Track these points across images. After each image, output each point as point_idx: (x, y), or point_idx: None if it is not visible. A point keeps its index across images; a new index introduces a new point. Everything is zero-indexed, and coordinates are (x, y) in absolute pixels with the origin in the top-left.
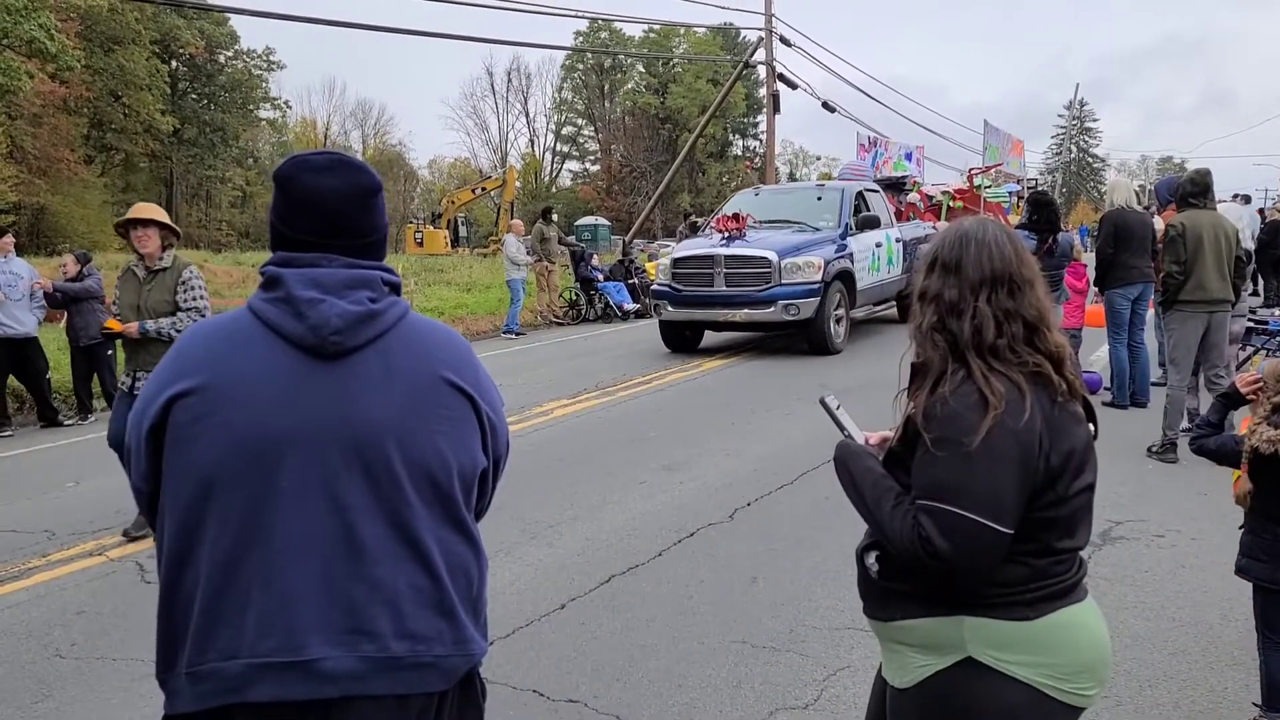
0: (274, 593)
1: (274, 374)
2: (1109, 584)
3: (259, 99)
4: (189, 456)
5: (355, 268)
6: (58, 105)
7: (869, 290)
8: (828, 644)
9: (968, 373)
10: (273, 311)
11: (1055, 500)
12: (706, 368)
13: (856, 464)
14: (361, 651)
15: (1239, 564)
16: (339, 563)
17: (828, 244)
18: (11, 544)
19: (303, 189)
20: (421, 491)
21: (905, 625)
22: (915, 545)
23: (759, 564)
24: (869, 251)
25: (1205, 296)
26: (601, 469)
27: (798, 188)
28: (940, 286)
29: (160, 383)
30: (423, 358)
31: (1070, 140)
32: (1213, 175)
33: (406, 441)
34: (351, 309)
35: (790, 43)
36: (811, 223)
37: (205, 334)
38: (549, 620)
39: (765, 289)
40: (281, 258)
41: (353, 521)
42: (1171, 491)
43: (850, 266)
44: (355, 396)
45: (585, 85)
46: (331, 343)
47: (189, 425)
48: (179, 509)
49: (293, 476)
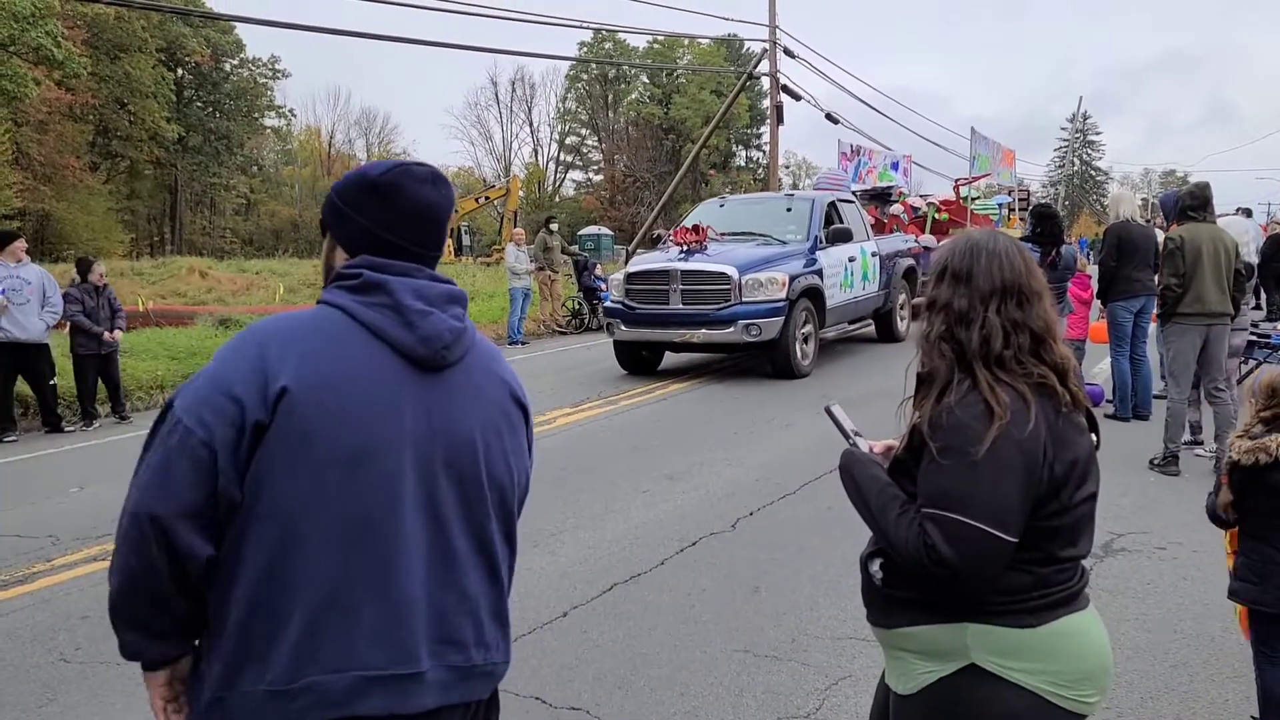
0: (388, 604)
1: (384, 379)
2: (1111, 596)
3: (264, 107)
4: (305, 464)
5: (442, 282)
6: (63, 112)
7: (841, 308)
8: (830, 653)
9: (974, 382)
10: (375, 316)
11: (1059, 509)
12: (708, 377)
13: (861, 472)
14: (450, 661)
15: (1231, 588)
16: (437, 573)
17: (794, 259)
18: (16, 548)
19: (409, 197)
20: (495, 505)
21: (909, 632)
22: (920, 553)
23: (761, 573)
24: (841, 267)
25: (1203, 309)
26: (604, 477)
27: (766, 198)
28: (950, 296)
29: (249, 373)
30: (494, 376)
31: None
32: (1212, 189)
33: (489, 457)
34: (455, 324)
35: (794, 54)
36: (778, 236)
37: (295, 328)
38: (551, 628)
39: (724, 307)
40: (369, 262)
41: (448, 532)
42: (1173, 504)
43: (819, 283)
44: (452, 410)
45: (589, 95)
46: (441, 356)
47: (306, 428)
48: (278, 518)
49: (407, 489)
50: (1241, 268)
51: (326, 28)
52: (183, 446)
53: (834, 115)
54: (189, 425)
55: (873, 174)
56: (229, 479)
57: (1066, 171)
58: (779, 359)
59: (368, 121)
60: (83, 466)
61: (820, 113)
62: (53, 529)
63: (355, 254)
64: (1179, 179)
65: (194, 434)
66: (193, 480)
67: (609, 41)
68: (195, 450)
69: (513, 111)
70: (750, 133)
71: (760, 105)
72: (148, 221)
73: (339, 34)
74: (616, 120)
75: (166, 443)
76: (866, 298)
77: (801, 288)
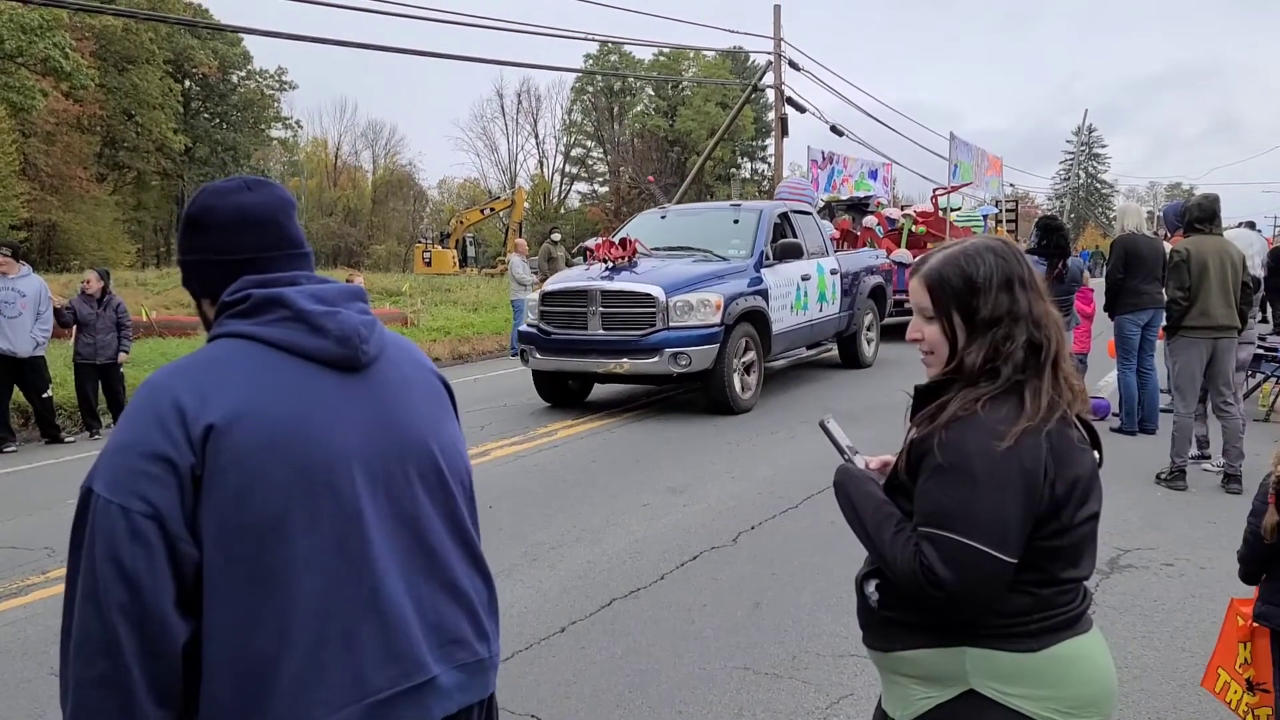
0: (381, 621)
1: (312, 394)
2: (1117, 613)
3: (270, 119)
4: (254, 500)
5: (327, 281)
6: (71, 123)
7: (791, 333)
8: (831, 671)
9: (974, 398)
10: (280, 332)
11: (1059, 529)
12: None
13: (857, 489)
14: (458, 660)
15: (1258, 610)
16: (420, 575)
17: (734, 277)
18: (11, 560)
19: (227, 211)
20: (460, 493)
21: (906, 656)
22: (917, 573)
23: (762, 588)
24: (792, 286)
25: (1209, 323)
26: (605, 490)
27: (711, 208)
28: (1027, 301)
29: (166, 424)
30: (416, 363)
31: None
32: (1220, 201)
33: (442, 445)
34: (364, 317)
35: (799, 67)
36: (719, 251)
37: (200, 366)
38: (549, 644)
39: (649, 333)
40: (252, 281)
41: (422, 531)
42: (1180, 520)
43: (763, 305)
44: (392, 406)
45: (595, 107)
46: (363, 352)
47: (244, 464)
48: (244, 566)
49: (366, 500)
50: (1248, 281)
51: (333, 39)
52: (126, 530)
53: (839, 128)
54: (121, 504)
55: (848, 183)
56: (185, 543)
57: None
58: (714, 392)
59: (374, 133)
60: (80, 478)
61: (825, 125)
62: (48, 541)
63: (215, 293)
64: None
65: (130, 510)
66: (148, 561)
67: (615, 54)
68: (139, 527)
69: (518, 123)
70: (755, 145)
71: (765, 118)
72: (154, 232)
73: (345, 45)
74: (622, 132)
75: (102, 534)
76: (824, 320)
77: (741, 310)
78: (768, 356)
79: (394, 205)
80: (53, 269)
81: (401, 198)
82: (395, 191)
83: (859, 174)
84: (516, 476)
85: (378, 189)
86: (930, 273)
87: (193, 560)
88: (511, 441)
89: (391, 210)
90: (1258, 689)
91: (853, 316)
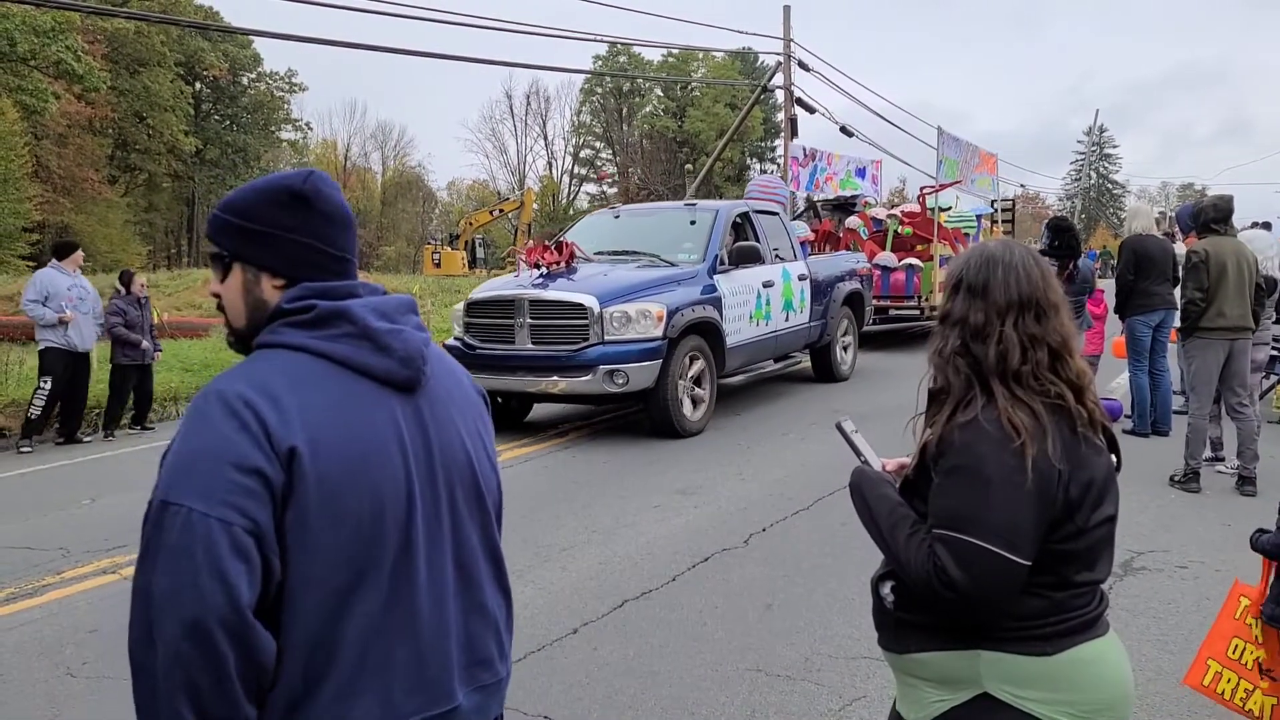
0: (417, 648)
1: (377, 415)
2: (1131, 616)
3: (281, 120)
4: (329, 524)
5: (381, 292)
6: (83, 125)
7: (751, 345)
8: (843, 673)
9: (988, 400)
10: (347, 349)
11: (1074, 532)
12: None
13: (872, 491)
14: (480, 681)
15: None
16: (461, 598)
17: (683, 285)
18: (26, 560)
19: (333, 203)
20: (494, 511)
21: (920, 658)
22: (930, 575)
23: (774, 590)
24: (751, 294)
25: (1226, 324)
26: (615, 492)
27: (665, 208)
28: (965, 310)
29: (253, 437)
30: (455, 375)
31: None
32: (1234, 202)
33: (479, 462)
34: (422, 335)
35: (809, 68)
36: (668, 255)
37: (273, 380)
38: (560, 645)
39: (581, 348)
40: (314, 290)
41: (463, 553)
42: (1194, 521)
43: (715, 316)
44: (443, 426)
45: (604, 108)
46: (424, 373)
47: (323, 488)
48: (322, 593)
49: (419, 523)
50: (1262, 281)
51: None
52: (228, 542)
53: (848, 128)
54: (221, 517)
55: (833, 181)
56: (274, 560)
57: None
58: (657, 414)
59: (383, 135)
60: (96, 478)
61: (835, 125)
62: (63, 541)
63: (295, 277)
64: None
65: (232, 525)
66: (249, 577)
67: (624, 55)
68: (242, 543)
69: (527, 125)
70: (764, 146)
71: (774, 118)
72: (165, 234)
73: (355, 47)
74: (631, 133)
75: (207, 543)
76: (791, 330)
77: (688, 322)
78: (722, 372)
79: (403, 206)
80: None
81: (411, 199)
82: (404, 193)
83: (845, 172)
84: (527, 478)
85: (387, 190)
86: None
87: (277, 579)
88: (521, 443)
89: (400, 211)
90: (1267, 675)
91: (826, 326)
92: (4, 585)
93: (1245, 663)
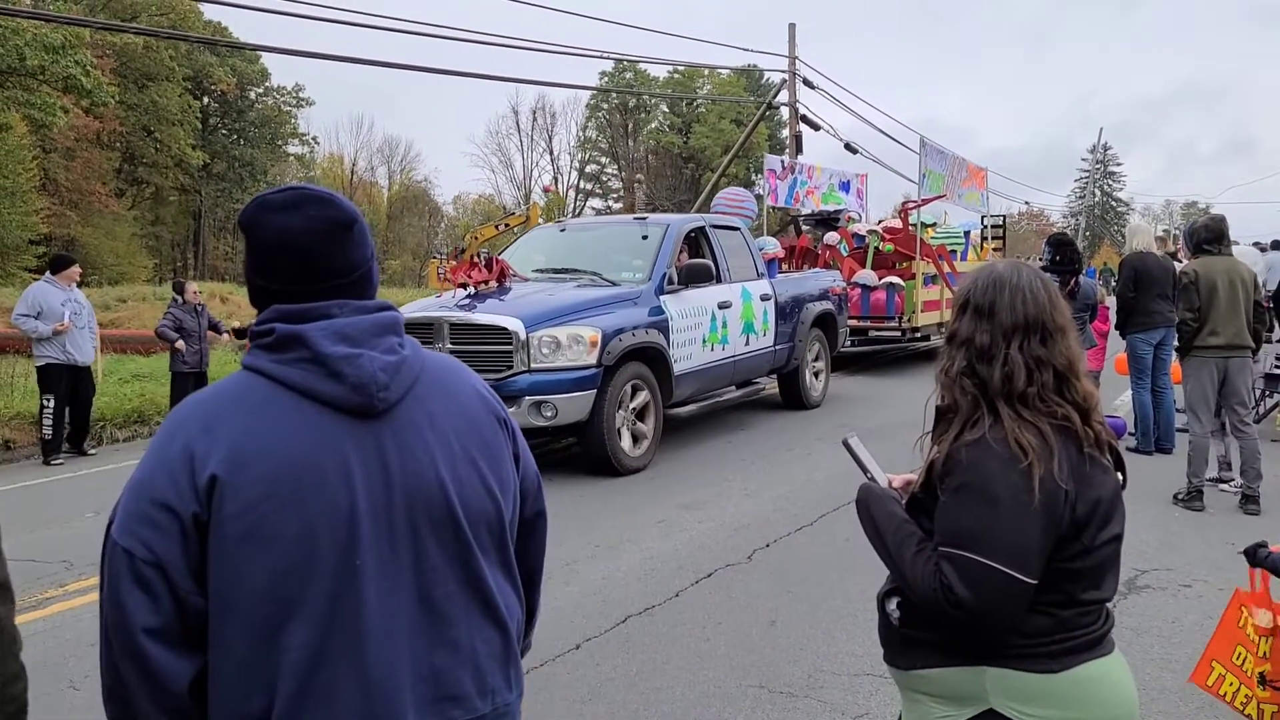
0: (364, 679)
1: (322, 442)
2: (1135, 634)
3: (287, 134)
4: (255, 550)
5: (369, 311)
6: (91, 139)
7: (704, 372)
8: (847, 690)
9: (995, 420)
10: (296, 374)
11: (1081, 551)
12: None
13: (879, 508)
14: (449, 716)
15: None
16: (419, 632)
17: (623, 306)
18: (30, 573)
19: (270, 230)
20: (481, 539)
21: (926, 674)
22: (937, 593)
23: (778, 607)
24: (704, 316)
25: (1218, 342)
26: (619, 506)
27: (615, 222)
28: (971, 330)
29: (173, 471)
30: (453, 396)
31: (1094, 184)
32: (1228, 222)
33: (464, 490)
34: (388, 359)
35: (814, 85)
36: (610, 274)
37: (212, 405)
38: (563, 661)
39: (504, 377)
40: (280, 312)
41: (427, 586)
42: (1198, 540)
43: (660, 340)
44: (408, 454)
45: (609, 124)
46: (380, 400)
47: (246, 516)
48: (237, 612)
49: (368, 553)
50: (1261, 299)
51: (350, 57)
52: (128, 571)
53: (853, 145)
54: (126, 547)
55: (814, 195)
56: (188, 589)
57: (1087, 202)
58: (592, 448)
59: (390, 149)
60: (100, 491)
61: (840, 142)
62: (67, 554)
63: (258, 305)
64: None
65: (134, 555)
66: (150, 604)
67: (630, 71)
68: (141, 572)
69: (533, 140)
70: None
71: (780, 135)
72: (171, 247)
73: (362, 63)
74: (636, 149)
75: (110, 575)
76: (752, 355)
77: (627, 347)
78: (669, 401)
79: (409, 221)
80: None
81: (416, 213)
82: (410, 207)
83: (828, 185)
84: None
85: (393, 205)
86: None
87: (197, 608)
88: None
89: (406, 226)
90: (1270, 685)
91: (793, 350)
92: None
93: (1247, 670)
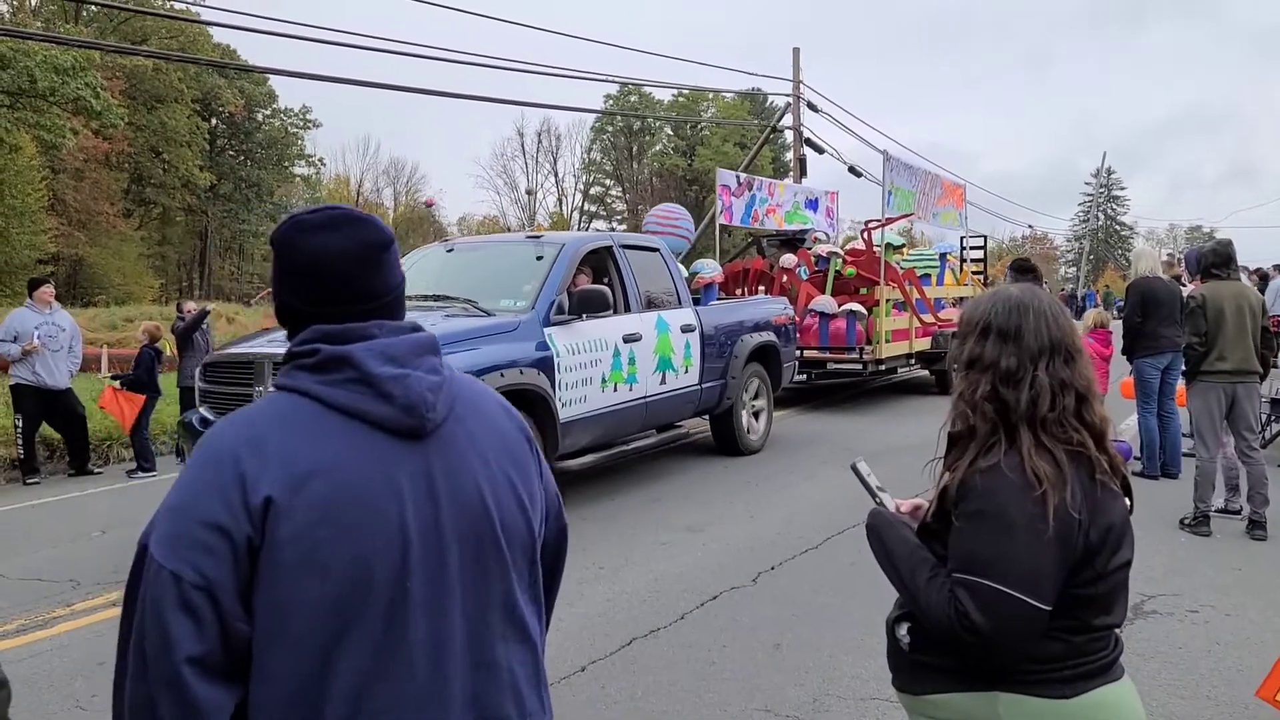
0: (413, 704)
1: (373, 464)
2: (1142, 660)
3: (294, 156)
4: (309, 576)
5: (405, 331)
6: (100, 160)
7: (605, 416)
8: (853, 714)
9: (1010, 445)
10: (344, 395)
11: (1093, 577)
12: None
13: (890, 533)
14: None
15: None
16: (464, 654)
17: (492, 341)
18: (36, 593)
19: (305, 252)
20: (517, 560)
21: (936, 700)
22: (952, 620)
23: (783, 630)
24: (604, 351)
25: (1226, 368)
26: (625, 528)
27: (506, 241)
28: (997, 355)
29: (225, 491)
30: (486, 415)
31: (1098, 208)
32: (1234, 245)
33: (503, 511)
34: (433, 379)
35: (817, 108)
36: (487, 303)
37: (256, 426)
38: (568, 683)
39: None
40: (323, 333)
41: (470, 607)
42: (1205, 565)
43: (543, 380)
44: (454, 473)
45: (614, 146)
46: (430, 421)
47: (301, 540)
48: (292, 643)
49: (417, 576)
50: (1269, 325)
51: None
52: (175, 596)
53: (857, 168)
54: (174, 570)
55: (775, 214)
56: (236, 616)
57: (1091, 226)
58: None
59: (396, 170)
60: (106, 510)
61: (844, 166)
62: (74, 573)
63: (288, 326)
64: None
65: (182, 580)
66: (195, 632)
67: (635, 94)
68: (189, 598)
69: (538, 162)
70: None
71: (784, 158)
72: (178, 267)
73: (369, 86)
74: (640, 171)
75: (153, 598)
76: (669, 396)
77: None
78: (557, 453)
79: (414, 242)
80: (78, 303)
81: (422, 234)
82: (416, 228)
83: (792, 204)
84: None
85: (398, 226)
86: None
87: (244, 635)
88: None
89: (412, 247)
90: None
91: (725, 387)
92: (14, 616)
93: None
